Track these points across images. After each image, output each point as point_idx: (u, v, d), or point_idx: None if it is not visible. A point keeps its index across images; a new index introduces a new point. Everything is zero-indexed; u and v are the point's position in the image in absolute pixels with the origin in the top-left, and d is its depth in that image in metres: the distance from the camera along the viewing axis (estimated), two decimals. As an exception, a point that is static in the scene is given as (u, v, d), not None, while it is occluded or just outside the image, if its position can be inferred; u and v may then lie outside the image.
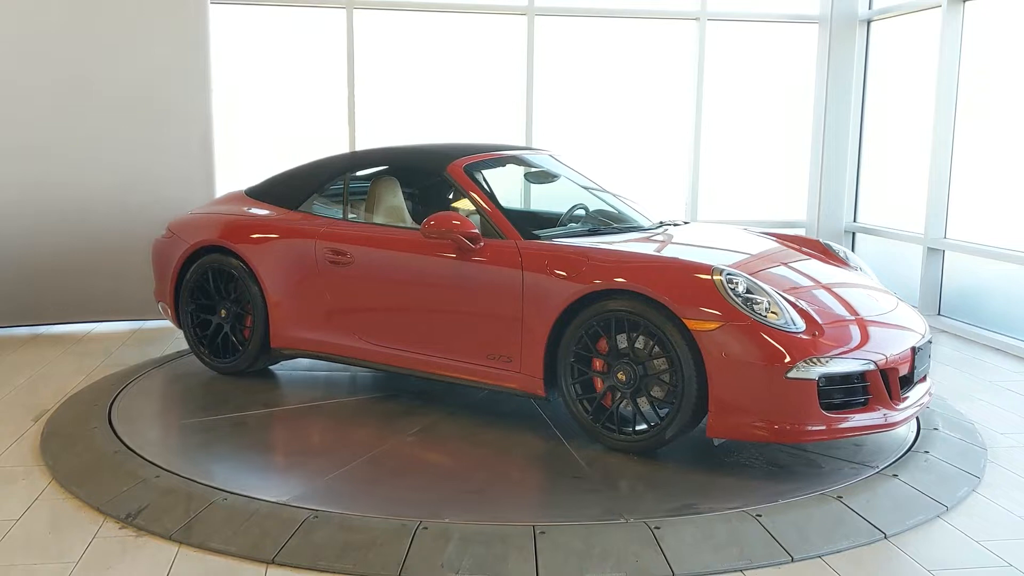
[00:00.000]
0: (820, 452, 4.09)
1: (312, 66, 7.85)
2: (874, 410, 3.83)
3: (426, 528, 3.27)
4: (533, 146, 5.61)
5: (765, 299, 3.81)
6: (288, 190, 5.30)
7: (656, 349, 3.87)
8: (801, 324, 3.79)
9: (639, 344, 3.92)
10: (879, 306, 4.30)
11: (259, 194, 5.43)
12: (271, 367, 5.44)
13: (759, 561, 3.17)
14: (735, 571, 3.13)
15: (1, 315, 6.51)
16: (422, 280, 4.59)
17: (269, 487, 3.71)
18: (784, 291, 4.02)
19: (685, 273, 3.94)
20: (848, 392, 3.80)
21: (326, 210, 5.16)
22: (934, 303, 7.31)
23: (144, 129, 6.57)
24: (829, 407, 3.74)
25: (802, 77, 8.50)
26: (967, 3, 7.04)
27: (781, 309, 3.80)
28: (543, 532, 3.27)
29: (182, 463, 3.93)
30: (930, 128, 7.24)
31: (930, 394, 4.26)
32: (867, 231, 8.33)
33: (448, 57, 8.02)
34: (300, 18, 7.81)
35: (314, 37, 7.84)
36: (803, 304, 3.95)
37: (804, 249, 4.86)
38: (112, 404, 4.70)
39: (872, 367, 3.81)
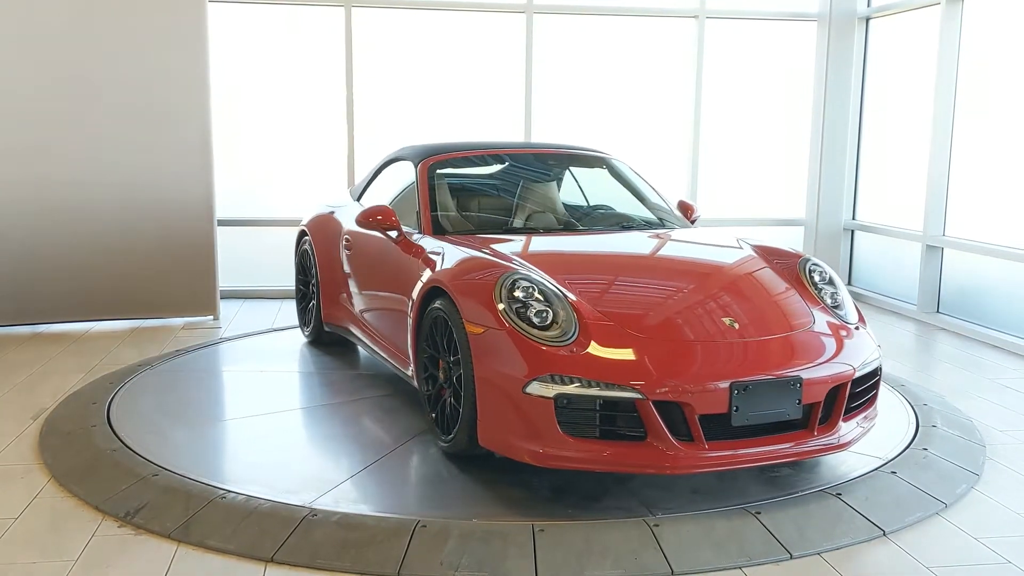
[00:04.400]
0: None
1: (311, 64, 7.84)
2: (651, 448, 3.31)
3: (424, 526, 3.28)
4: (598, 149, 5.67)
5: (544, 308, 3.51)
6: (359, 186, 5.97)
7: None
8: (571, 337, 3.43)
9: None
10: (753, 332, 3.65)
11: (352, 190, 6.12)
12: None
13: (758, 558, 3.17)
14: (734, 568, 3.13)
15: (1, 314, 6.51)
16: (375, 269, 4.92)
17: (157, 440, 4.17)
18: (631, 299, 3.84)
19: (477, 275, 3.84)
20: (624, 422, 3.34)
21: (366, 203, 5.52)
22: (933, 300, 7.31)
23: (143, 129, 6.56)
24: (603, 435, 3.34)
25: (801, 75, 8.50)
26: (966, 0, 7.04)
27: (567, 320, 3.48)
28: (542, 530, 3.26)
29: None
30: (929, 125, 7.24)
31: (832, 438, 3.58)
32: (866, 229, 8.32)
33: (447, 55, 8.02)
34: (298, 16, 7.81)
35: (313, 35, 7.84)
36: (629, 315, 3.60)
37: (757, 268, 4.19)
38: (111, 402, 4.71)
39: (639, 396, 3.29)
